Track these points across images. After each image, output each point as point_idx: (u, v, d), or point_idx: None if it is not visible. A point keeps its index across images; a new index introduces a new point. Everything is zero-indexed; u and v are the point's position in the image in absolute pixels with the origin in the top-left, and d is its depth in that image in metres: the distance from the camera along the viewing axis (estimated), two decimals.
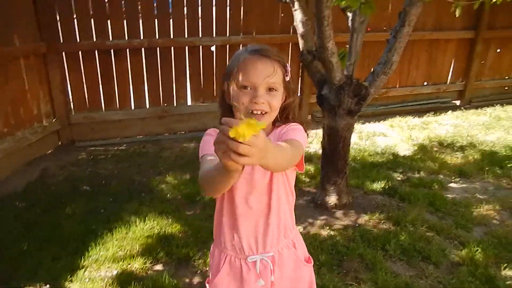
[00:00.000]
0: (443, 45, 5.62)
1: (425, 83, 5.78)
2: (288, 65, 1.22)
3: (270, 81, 1.13)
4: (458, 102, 5.94)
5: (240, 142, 0.73)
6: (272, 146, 0.86)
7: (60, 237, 2.58)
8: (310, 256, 1.39)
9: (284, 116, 1.25)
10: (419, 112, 5.47)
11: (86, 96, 4.35)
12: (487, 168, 3.63)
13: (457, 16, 2.91)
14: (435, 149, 4.19)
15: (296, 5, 2.71)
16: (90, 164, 3.83)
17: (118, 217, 2.82)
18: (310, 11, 2.93)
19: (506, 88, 6.24)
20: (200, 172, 1.12)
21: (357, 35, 2.66)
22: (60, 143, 4.30)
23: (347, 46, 2.83)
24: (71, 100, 4.31)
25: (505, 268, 2.33)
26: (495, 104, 5.81)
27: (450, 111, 5.55)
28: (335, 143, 2.78)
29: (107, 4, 4.13)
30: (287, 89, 1.21)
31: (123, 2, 4.18)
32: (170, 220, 2.79)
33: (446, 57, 5.74)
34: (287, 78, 1.20)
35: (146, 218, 2.80)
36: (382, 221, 2.79)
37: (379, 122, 5.10)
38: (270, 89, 1.15)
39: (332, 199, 2.90)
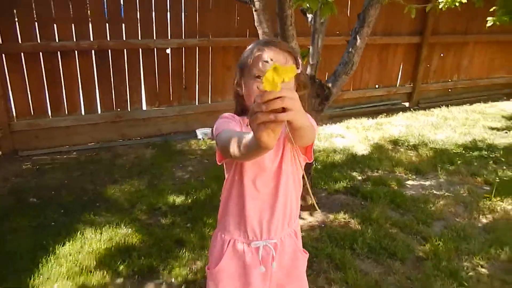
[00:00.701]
0: (392, 49, 5.86)
1: (377, 86, 5.99)
2: (300, 57, 1.25)
3: None
4: (407, 104, 6.21)
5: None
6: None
7: (5, 254, 2.33)
8: (305, 250, 1.41)
9: None
10: (373, 113, 5.64)
11: (30, 102, 4.02)
12: (439, 165, 3.79)
13: (413, 17, 3.01)
14: (390, 148, 4.32)
15: (257, 5, 2.67)
16: (36, 174, 3.53)
17: (71, 230, 2.61)
18: (270, 12, 2.90)
19: (450, 90, 6.63)
20: (223, 134, 1.09)
21: (318, 36, 2.67)
22: (0, 153, 3.94)
23: (308, 47, 2.83)
24: (12, 106, 3.97)
25: (466, 260, 2.41)
26: (441, 105, 6.13)
27: (401, 113, 5.78)
28: None
29: (52, 4, 3.85)
30: (297, 81, 1.24)
31: (70, 5, 3.93)
32: (130, 230, 2.63)
33: (396, 61, 5.98)
34: (298, 70, 1.20)
35: (103, 229, 2.62)
36: (348, 220, 2.81)
37: (335, 124, 5.19)
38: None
39: None
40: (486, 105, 6.34)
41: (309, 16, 2.90)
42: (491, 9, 4.26)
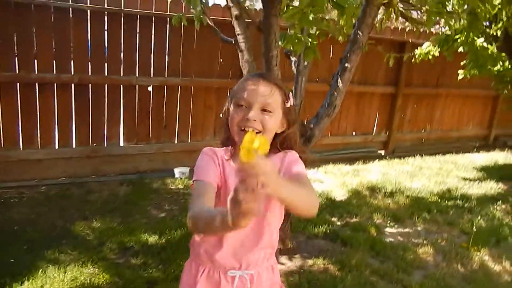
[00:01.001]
0: (369, 98, 6.06)
1: (354, 133, 6.11)
2: (291, 94, 1.25)
3: (265, 101, 1.16)
4: (383, 152, 6.33)
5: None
6: (283, 179, 0.94)
7: None
8: (283, 284, 1.38)
9: (283, 146, 1.26)
10: (350, 160, 5.70)
11: (1, 132, 3.87)
12: (417, 214, 3.81)
13: (390, 65, 3.11)
14: (368, 194, 4.33)
15: (242, 46, 2.72)
16: (0, 208, 3.32)
17: (32, 268, 2.41)
18: (255, 53, 2.96)
19: (423, 140, 6.83)
20: (193, 210, 1.08)
21: (301, 78, 2.72)
22: None
23: (291, 89, 2.88)
24: None
25: None
26: (415, 154, 6.28)
27: (377, 160, 5.87)
28: None
29: (34, 36, 3.83)
30: (286, 116, 1.23)
31: (53, 39, 3.91)
32: (97, 269, 2.46)
33: (372, 110, 6.17)
34: (288, 105, 1.22)
35: (67, 268, 2.44)
36: (327, 266, 2.72)
37: (313, 168, 5.20)
38: (265, 110, 1.17)
39: None
40: (458, 156, 6.53)
41: (293, 59, 2.98)
42: (462, 63, 4.50)
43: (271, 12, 2.20)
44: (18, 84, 3.86)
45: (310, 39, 2.59)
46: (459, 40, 3.97)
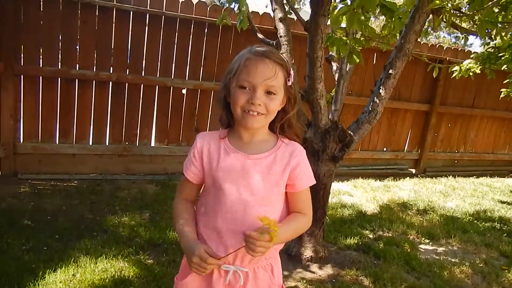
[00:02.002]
0: (402, 114, 5.93)
1: (385, 149, 5.98)
2: (292, 70, 1.19)
3: (269, 83, 1.12)
4: (414, 170, 6.16)
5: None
6: (283, 234, 1.11)
7: None
8: (284, 286, 1.33)
9: (282, 124, 1.23)
10: (379, 176, 5.57)
11: (40, 125, 3.97)
12: (452, 233, 3.64)
13: (435, 76, 3.02)
14: (400, 210, 4.18)
15: (284, 48, 2.70)
16: (34, 197, 3.37)
17: (64, 256, 2.41)
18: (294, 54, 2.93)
19: (456, 161, 6.62)
20: (175, 202, 1.29)
21: (343, 82, 2.67)
22: (0, 173, 3.80)
23: (331, 93, 2.83)
24: (21, 127, 3.91)
25: None
26: (448, 175, 6.08)
27: (408, 178, 5.71)
28: (315, 190, 2.65)
29: (78, 32, 3.94)
30: (287, 94, 1.19)
31: (95, 37, 4.01)
32: (127, 263, 2.43)
33: (404, 126, 6.03)
34: (289, 83, 1.18)
35: (98, 259, 2.42)
36: (360, 278, 2.62)
37: (342, 182, 5.10)
38: (269, 92, 1.14)
39: (308, 251, 2.70)
40: (493, 179, 6.28)
41: (334, 64, 2.94)
42: (505, 81, 4.36)
43: (319, 12, 2.18)
44: (59, 79, 3.96)
45: (355, 44, 2.55)
46: (503, 58, 3.85)
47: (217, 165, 1.19)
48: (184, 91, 4.57)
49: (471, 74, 4.37)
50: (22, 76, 3.81)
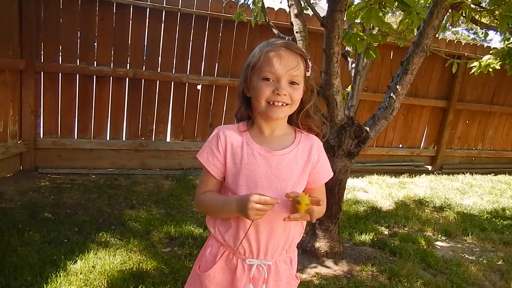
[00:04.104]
0: (418, 111, 5.85)
1: (400, 145, 5.92)
2: (310, 62, 1.21)
3: (293, 73, 1.14)
4: (430, 167, 6.09)
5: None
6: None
7: (13, 265, 2.19)
8: (297, 275, 1.34)
9: (301, 115, 1.23)
10: (394, 172, 5.52)
11: (59, 120, 4.06)
12: (469, 230, 3.60)
13: (454, 72, 2.98)
14: (415, 207, 4.15)
15: (300, 44, 2.70)
16: (54, 191, 3.45)
17: (84, 248, 2.47)
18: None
19: (473, 158, 6.51)
20: (204, 195, 1.23)
21: (360, 78, 2.66)
22: (21, 167, 3.90)
23: (347, 89, 2.82)
24: (41, 122, 4.00)
25: None
26: (465, 172, 6.00)
27: (424, 175, 5.65)
28: (331, 186, 2.65)
29: (96, 29, 4.00)
30: (306, 85, 1.20)
31: (113, 33, 4.07)
32: (145, 256, 2.48)
33: (421, 123, 5.95)
34: (308, 74, 1.19)
35: (117, 251, 2.48)
36: (375, 274, 2.61)
37: (357, 178, 5.08)
38: (292, 82, 1.15)
39: (323, 246, 2.70)
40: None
41: (350, 60, 2.93)
42: None
43: (336, 8, 2.17)
44: (78, 75, 4.03)
45: (372, 40, 2.53)
46: None
47: (241, 162, 1.17)
48: (199, 87, 4.60)
49: (490, 70, 4.29)
50: (42, 73, 3.90)
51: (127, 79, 4.24)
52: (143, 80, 4.31)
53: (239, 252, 1.20)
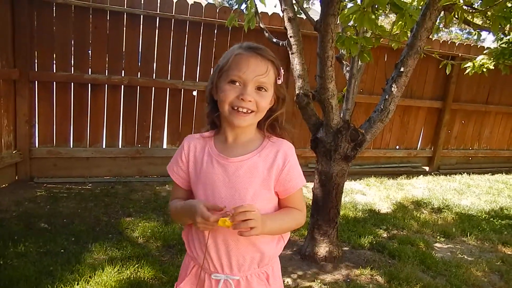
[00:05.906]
0: (414, 112, 5.86)
1: (397, 147, 5.92)
2: (282, 69, 1.16)
3: (261, 79, 1.09)
4: (427, 168, 6.09)
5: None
6: (270, 220, 1.09)
7: (8, 278, 2.17)
8: None
9: (271, 123, 1.19)
10: (392, 174, 5.52)
11: (54, 129, 4.03)
12: (468, 231, 3.60)
13: (447, 73, 2.99)
14: (413, 208, 4.15)
15: (294, 48, 2.70)
16: (50, 201, 3.43)
17: (80, 258, 2.45)
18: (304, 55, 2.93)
19: (470, 158, 6.52)
20: (171, 202, 1.24)
21: (355, 81, 2.66)
22: (17, 177, 3.88)
23: (342, 92, 2.82)
24: (36, 132, 3.98)
25: None
26: (462, 172, 6.01)
27: (421, 176, 5.66)
28: (328, 190, 2.64)
29: (90, 37, 3.99)
30: (277, 93, 1.16)
31: (107, 41, 4.06)
32: (143, 264, 2.46)
33: (417, 124, 5.96)
34: (279, 82, 1.15)
35: (114, 260, 2.45)
36: (375, 277, 2.60)
37: (355, 180, 5.07)
38: (260, 88, 1.10)
39: (321, 251, 2.69)
40: (509, 176, 6.19)
41: (344, 63, 2.93)
42: None
43: (329, 11, 2.17)
44: (72, 84, 4.02)
45: (365, 43, 2.53)
46: None
47: (200, 171, 1.16)
48: (195, 92, 4.59)
49: (484, 70, 4.31)
50: (36, 82, 3.88)
51: (122, 86, 4.23)
52: (138, 87, 4.29)
53: (205, 266, 1.16)
